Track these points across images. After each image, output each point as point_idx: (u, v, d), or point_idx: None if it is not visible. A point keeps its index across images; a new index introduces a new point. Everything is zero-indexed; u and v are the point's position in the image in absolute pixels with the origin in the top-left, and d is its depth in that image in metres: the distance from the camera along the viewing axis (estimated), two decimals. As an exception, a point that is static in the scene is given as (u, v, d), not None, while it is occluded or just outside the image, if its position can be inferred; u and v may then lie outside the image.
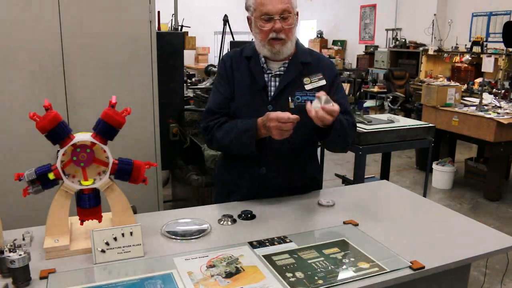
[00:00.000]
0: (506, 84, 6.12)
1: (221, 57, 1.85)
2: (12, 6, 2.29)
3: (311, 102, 1.47)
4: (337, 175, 4.13)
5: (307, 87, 1.65)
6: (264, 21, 1.61)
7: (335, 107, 1.45)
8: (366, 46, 10.40)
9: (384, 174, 4.17)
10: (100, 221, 1.40)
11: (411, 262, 1.25)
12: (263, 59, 1.71)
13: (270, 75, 1.71)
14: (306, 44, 11.06)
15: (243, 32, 3.76)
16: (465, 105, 4.82)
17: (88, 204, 1.36)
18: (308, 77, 1.67)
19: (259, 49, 1.69)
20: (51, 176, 1.30)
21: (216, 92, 1.77)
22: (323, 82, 1.66)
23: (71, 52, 2.46)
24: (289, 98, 1.48)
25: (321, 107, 1.44)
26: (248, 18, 1.69)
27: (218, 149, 1.84)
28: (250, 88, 1.70)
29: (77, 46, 2.47)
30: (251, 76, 1.71)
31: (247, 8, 1.68)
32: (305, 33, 12.46)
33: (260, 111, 1.59)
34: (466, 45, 7.78)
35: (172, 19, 4.01)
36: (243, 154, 1.71)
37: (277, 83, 1.70)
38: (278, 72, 1.71)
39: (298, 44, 1.76)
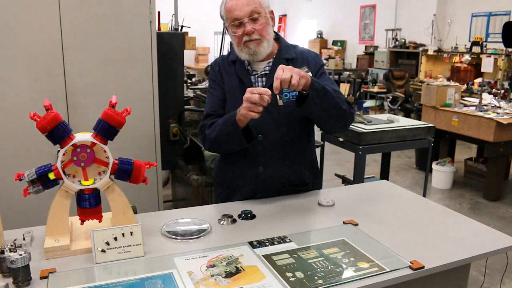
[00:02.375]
0: (506, 84, 6.13)
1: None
2: (12, 6, 2.29)
3: (298, 97, 1.49)
4: (337, 175, 4.12)
5: None
6: (235, 27, 1.64)
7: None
8: (366, 46, 10.41)
9: (384, 174, 4.17)
10: (100, 221, 1.40)
11: (411, 262, 1.25)
12: (246, 61, 1.73)
13: (256, 75, 1.73)
14: (306, 45, 11.08)
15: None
16: (465, 105, 4.83)
17: (89, 204, 1.36)
18: None
19: (238, 54, 1.70)
20: (51, 176, 1.30)
21: (210, 95, 1.81)
22: (309, 74, 1.66)
23: (72, 52, 2.46)
24: (277, 96, 1.48)
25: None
26: (226, 28, 1.71)
27: (210, 147, 1.79)
28: (238, 91, 1.70)
29: (77, 46, 2.47)
30: (238, 78, 1.74)
31: (222, 18, 1.71)
32: (305, 33, 12.46)
33: None
34: (465, 45, 7.79)
35: (172, 19, 4.00)
36: (234, 148, 1.70)
37: (263, 83, 1.71)
38: (263, 72, 1.73)
39: (281, 41, 1.77)
